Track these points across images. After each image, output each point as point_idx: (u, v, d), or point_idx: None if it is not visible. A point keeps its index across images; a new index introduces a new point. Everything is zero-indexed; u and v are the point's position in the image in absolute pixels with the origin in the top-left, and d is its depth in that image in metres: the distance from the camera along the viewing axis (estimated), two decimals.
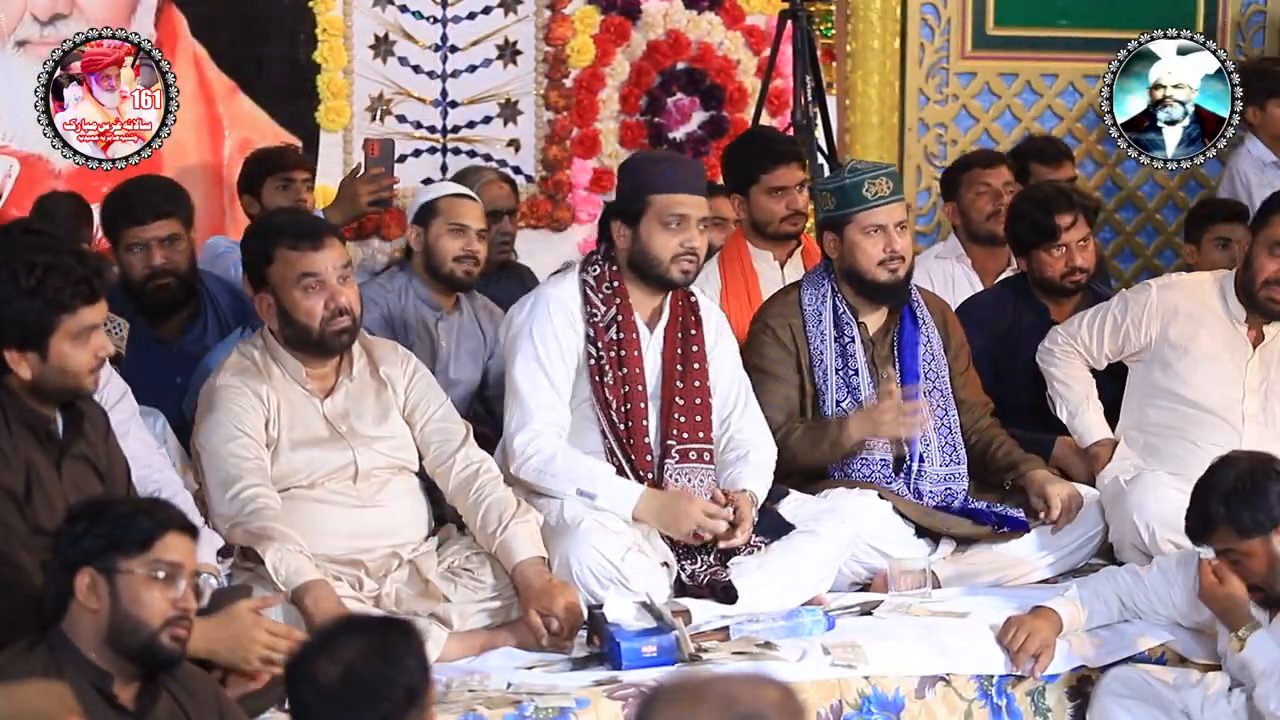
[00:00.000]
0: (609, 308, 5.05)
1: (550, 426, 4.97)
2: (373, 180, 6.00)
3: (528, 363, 5.00)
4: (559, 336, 5.01)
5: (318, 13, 7.04)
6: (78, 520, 3.50)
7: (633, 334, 5.05)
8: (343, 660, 3.03)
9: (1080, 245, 5.87)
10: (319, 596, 4.39)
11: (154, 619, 3.48)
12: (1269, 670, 4.37)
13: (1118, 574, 4.85)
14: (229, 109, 6.98)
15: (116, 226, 5.58)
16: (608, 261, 5.09)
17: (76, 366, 3.95)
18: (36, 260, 3.91)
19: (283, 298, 4.70)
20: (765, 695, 2.49)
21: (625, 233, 5.04)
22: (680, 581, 4.93)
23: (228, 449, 4.62)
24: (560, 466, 4.93)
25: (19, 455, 3.91)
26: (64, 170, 6.47)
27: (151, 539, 3.48)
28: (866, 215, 5.33)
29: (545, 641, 4.62)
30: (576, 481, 4.91)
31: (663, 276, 5.04)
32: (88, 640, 3.47)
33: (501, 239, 6.28)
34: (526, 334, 5.02)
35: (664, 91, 7.53)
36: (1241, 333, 5.42)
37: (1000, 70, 7.74)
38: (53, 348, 3.92)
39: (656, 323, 5.12)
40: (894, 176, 5.42)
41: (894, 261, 5.33)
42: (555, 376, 5.00)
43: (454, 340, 5.62)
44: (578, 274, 5.11)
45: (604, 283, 5.07)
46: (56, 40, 6.04)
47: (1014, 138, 7.67)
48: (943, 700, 4.67)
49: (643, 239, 5.02)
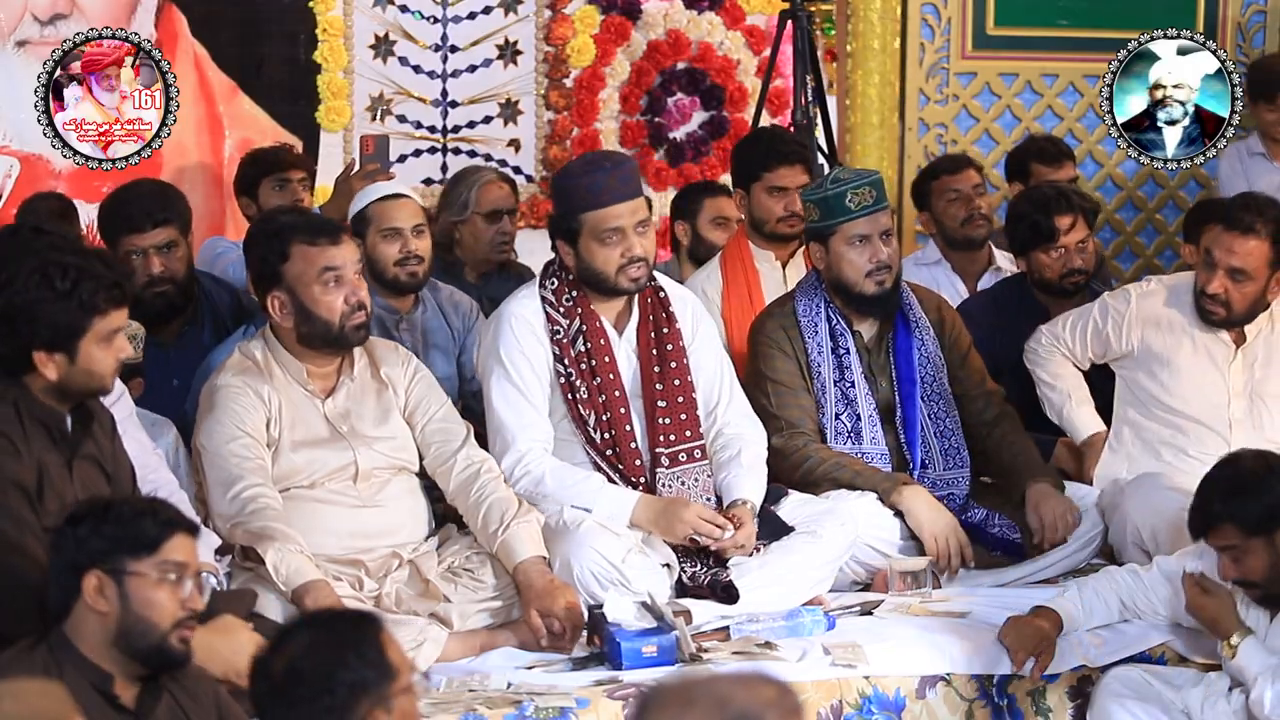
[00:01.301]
0: (571, 319, 5.02)
1: (535, 445, 4.94)
2: (368, 177, 5.99)
3: (501, 384, 4.97)
4: (526, 353, 4.97)
5: (318, 13, 7.04)
6: (82, 521, 3.49)
7: (601, 340, 5.02)
8: (289, 655, 3.07)
9: (1079, 247, 5.86)
10: (319, 596, 4.39)
11: (164, 620, 3.48)
12: (1262, 674, 4.38)
13: (1118, 574, 4.85)
14: (229, 109, 6.99)
15: (114, 233, 5.53)
16: (564, 272, 5.07)
17: (102, 368, 3.97)
18: (69, 262, 3.92)
19: (301, 294, 4.69)
20: (761, 694, 2.49)
21: (568, 251, 5.01)
22: (681, 582, 4.93)
23: (229, 449, 4.62)
24: (550, 487, 4.90)
25: (32, 453, 3.92)
26: (64, 170, 6.48)
27: (160, 540, 3.48)
28: (851, 226, 5.28)
29: (545, 642, 4.62)
30: (569, 499, 4.90)
31: (614, 288, 5.01)
32: (92, 641, 3.47)
33: (501, 239, 6.28)
34: (495, 355, 4.99)
35: (664, 91, 7.54)
36: (1223, 336, 5.41)
37: (1000, 70, 7.73)
38: (82, 349, 3.93)
39: (625, 324, 5.08)
40: (877, 185, 5.35)
41: (880, 272, 5.29)
42: (531, 394, 4.96)
43: (418, 338, 5.59)
44: (536, 289, 5.09)
45: (563, 295, 5.04)
46: (56, 40, 6.04)
47: (1014, 138, 7.66)
48: (943, 700, 4.67)
49: (584, 257, 4.98)
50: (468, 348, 5.65)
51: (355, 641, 3.08)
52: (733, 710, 2.45)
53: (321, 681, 3.03)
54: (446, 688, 4.40)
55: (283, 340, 4.77)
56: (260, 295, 4.79)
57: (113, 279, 3.96)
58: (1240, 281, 5.30)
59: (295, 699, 3.03)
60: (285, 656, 3.07)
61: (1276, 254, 5.31)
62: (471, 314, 5.72)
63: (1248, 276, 5.30)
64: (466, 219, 6.25)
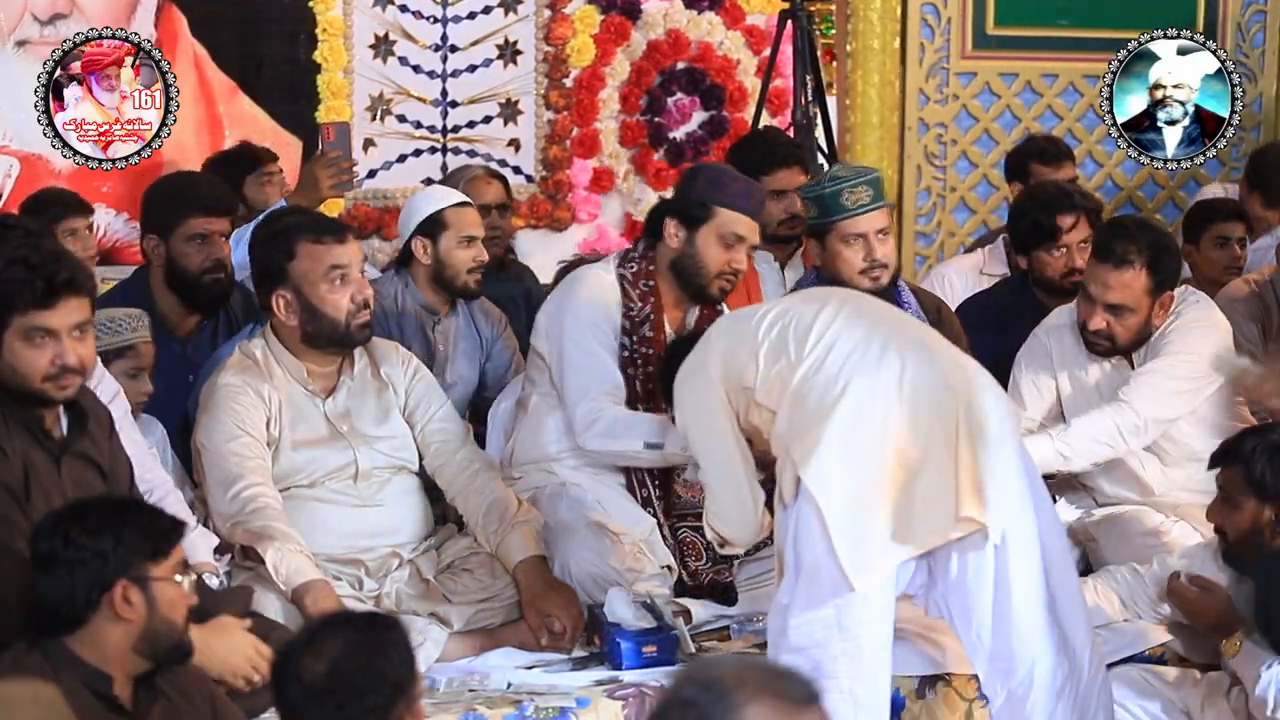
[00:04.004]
0: (644, 304, 5.06)
1: (610, 392, 4.97)
2: (331, 164, 6.00)
3: (578, 334, 5.00)
4: (603, 314, 5.02)
5: (318, 13, 7.04)
6: (100, 533, 3.43)
7: (661, 335, 5.07)
8: (327, 657, 3.04)
9: (1081, 247, 5.85)
10: (319, 596, 4.40)
11: (182, 617, 3.49)
12: (1265, 670, 4.37)
13: (1118, 572, 4.84)
14: (229, 109, 6.99)
15: (176, 214, 5.44)
16: (645, 260, 5.10)
17: (26, 367, 3.91)
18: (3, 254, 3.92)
19: (308, 293, 4.70)
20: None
21: (680, 234, 5.05)
22: (681, 581, 4.93)
23: (229, 448, 4.62)
24: (624, 426, 4.93)
25: (16, 451, 3.91)
26: (64, 170, 6.48)
27: (176, 541, 3.48)
28: (848, 224, 5.26)
29: (546, 642, 4.63)
30: (644, 435, 4.92)
31: (703, 289, 5.07)
32: (108, 649, 3.43)
33: (490, 232, 6.25)
34: (572, 309, 5.03)
35: (664, 91, 7.54)
36: (1112, 361, 5.24)
37: (1000, 70, 7.74)
38: (5, 344, 3.92)
39: (682, 328, 5.13)
40: (875, 183, 5.33)
41: (875, 270, 5.27)
42: (606, 346, 5.00)
43: (451, 342, 5.60)
44: (614, 267, 5.11)
45: (641, 279, 5.08)
46: (56, 40, 6.04)
47: (1014, 138, 7.67)
48: (943, 700, 4.67)
49: (697, 245, 5.04)
50: (494, 355, 5.66)
51: (393, 642, 3.08)
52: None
53: (369, 681, 3.02)
54: (446, 688, 4.41)
55: (284, 339, 4.78)
56: (265, 293, 4.79)
57: (44, 275, 3.90)
58: (1121, 316, 5.11)
59: (339, 700, 3.00)
60: (323, 658, 3.03)
61: (1156, 281, 5.07)
62: (500, 324, 5.73)
63: (1128, 310, 5.10)
64: None
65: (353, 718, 3.02)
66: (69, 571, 3.43)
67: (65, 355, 3.91)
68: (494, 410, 5.50)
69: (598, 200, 7.47)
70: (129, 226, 6.73)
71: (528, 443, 5.12)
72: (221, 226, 5.47)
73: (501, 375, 5.66)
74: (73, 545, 3.44)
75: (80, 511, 3.53)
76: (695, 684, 2.42)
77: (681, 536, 5.01)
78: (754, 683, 2.41)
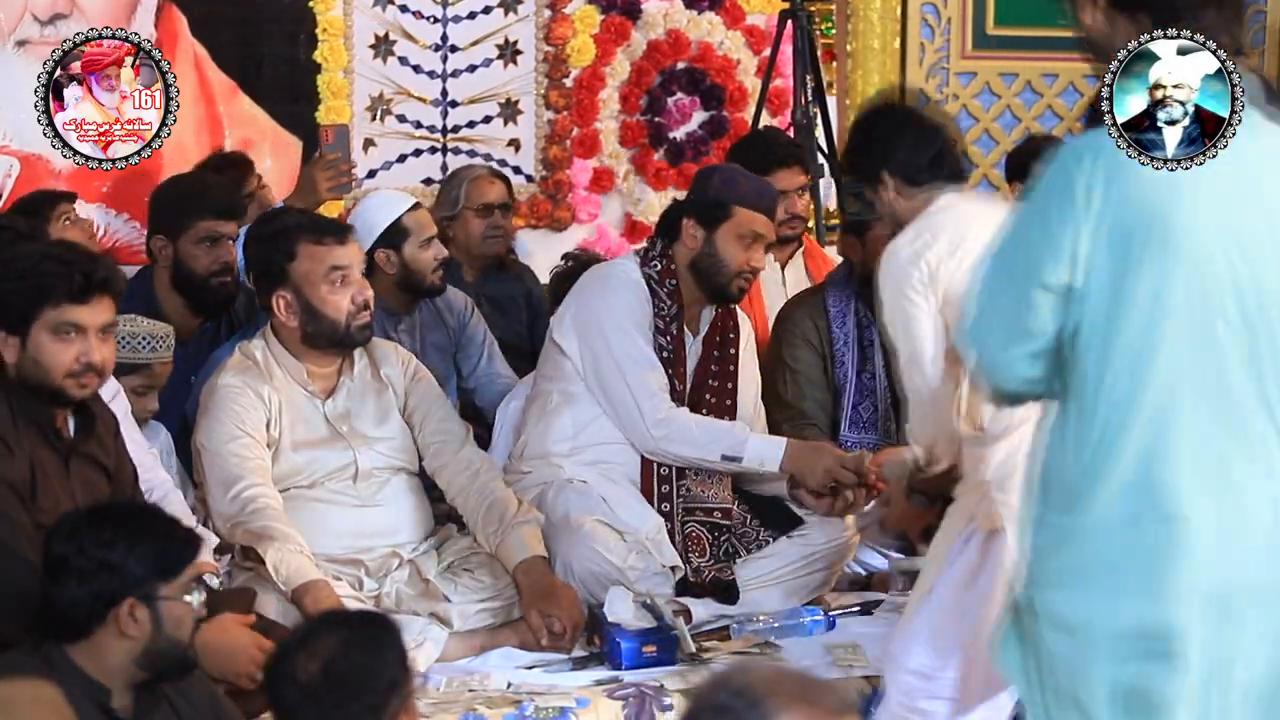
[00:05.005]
0: (672, 303, 5.07)
1: (665, 388, 4.98)
2: (330, 166, 6.00)
3: (624, 330, 5.00)
4: (640, 310, 5.03)
5: (318, 13, 7.03)
6: (113, 545, 3.39)
7: (683, 336, 5.09)
8: (322, 656, 3.04)
9: None
10: (319, 596, 4.40)
11: (188, 635, 3.46)
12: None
13: None
14: (229, 109, 6.98)
15: (188, 215, 5.46)
16: (665, 260, 5.10)
17: (50, 361, 3.94)
18: (37, 250, 3.95)
19: (308, 293, 4.70)
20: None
21: (698, 234, 5.05)
22: (682, 580, 4.93)
23: (229, 448, 4.62)
24: (704, 435, 4.93)
25: (24, 451, 3.91)
26: (64, 170, 6.46)
27: (190, 560, 3.46)
28: None
29: (546, 642, 4.63)
30: (723, 448, 4.93)
31: (723, 288, 5.07)
32: (108, 663, 3.41)
33: (492, 232, 6.25)
34: (608, 305, 5.02)
35: (664, 91, 7.53)
36: None
37: (1000, 70, 7.73)
38: (32, 336, 3.94)
39: (697, 331, 5.15)
40: None
41: None
42: (650, 342, 5.01)
43: (416, 340, 5.60)
44: (638, 266, 5.11)
45: (667, 278, 5.09)
46: (56, 40, 6.04)
47: (1014, 138, 7.67)
48: None
49: (716, 245, 5.04)
50: (463, 346, 5.66)
51: (388, 641, 3.08)
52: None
53: (365, 680, 3.02)
54: (446, 688, 4.41)
55: (284, 340, 4.78)
56: (264, 294, 4.80)
57: (83, 270, 3.93)
58: None
59: (335, 700, 3.00)
60: (318, 657, 3.03)
61: None
62: (466, 310, 5.74)
63: None
64: (458, 215, 6.24)
65: (348, 717, 3.02)
66: (78, 582, 3.39)
67: (91, 353, 3.94)
68: (503, 408, 5.49)
69: (598, 200, 7.46)
70: (129, 226, 6.73)
71: (539, 437, 5.11)
72: (230, 230, 5.49)
73: (478, 360, 5.66)
74: (85, 555, 3.40)
75: (98, 519, 3.49)
76: (729, 690, 2.43)
77: (688, 531, 5.01)
78: (788, 691, 2.42)
